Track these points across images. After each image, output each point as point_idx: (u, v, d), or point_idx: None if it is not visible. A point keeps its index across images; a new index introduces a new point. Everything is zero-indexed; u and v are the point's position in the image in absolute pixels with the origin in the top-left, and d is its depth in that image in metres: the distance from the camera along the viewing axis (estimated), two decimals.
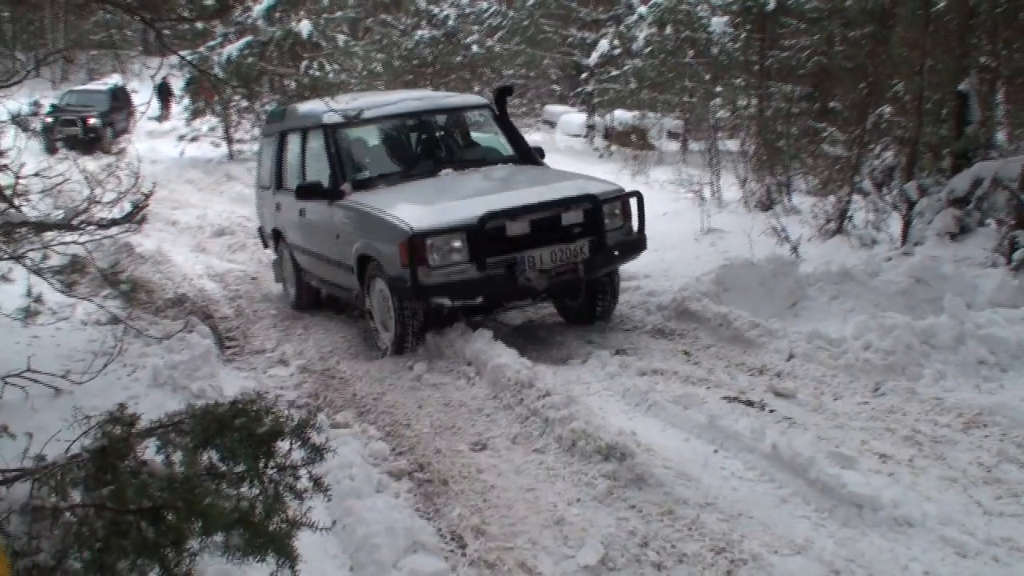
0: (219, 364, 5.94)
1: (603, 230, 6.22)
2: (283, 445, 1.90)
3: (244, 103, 19.88)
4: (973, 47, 7.85)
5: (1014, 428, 4.34)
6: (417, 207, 6.13)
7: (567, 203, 6.20)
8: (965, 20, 7.65)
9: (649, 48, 19.15)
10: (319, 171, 7.27)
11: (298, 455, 1.95)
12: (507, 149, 7.70)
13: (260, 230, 9.57)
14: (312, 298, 8.38)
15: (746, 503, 3.78)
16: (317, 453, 1.94)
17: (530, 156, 7.63)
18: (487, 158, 7.59)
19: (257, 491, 1.79)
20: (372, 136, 7.73)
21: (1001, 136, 9.09)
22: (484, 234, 5.85)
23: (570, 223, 6.16)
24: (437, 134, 7.84)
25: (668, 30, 18.93)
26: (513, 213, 5.97)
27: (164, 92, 28.65)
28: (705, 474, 4.09)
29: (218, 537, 1.67)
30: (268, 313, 8.29)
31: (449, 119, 7.95)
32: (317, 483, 1.99)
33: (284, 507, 1.82)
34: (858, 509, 3.58)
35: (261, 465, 1.79)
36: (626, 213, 6.57)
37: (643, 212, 6.59)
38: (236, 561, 1.75)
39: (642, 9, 19.54)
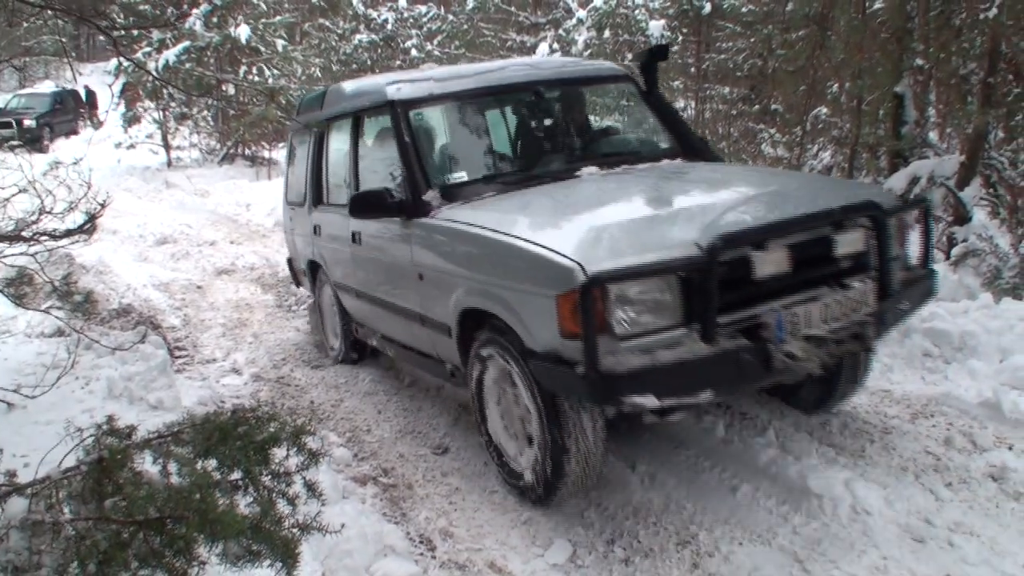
0: (174, 374, 5.87)
1: (888, 262, 3.73)
2: (278, 452, 1.91)
3: (184, 109, 19.68)
4: (909, 50, 8.12)
5: (959, 418, 4.51)
6: (577, 228, 3.55)
7: (841, 215, 3.64)
8: (903, 23, 7.89)
9: (588, 52, 19.34)
10: (384, 177, 4.90)
11: (293, 461, 1.96)
12: (660, 137, 5.25)
13: (290, 262, 7.47)
14: (368, 348, 6.30)
15: (708, 497, 3.88)
16: (313, 458, 1.96)
17: (697, 147, 5.10)
18: (641, 151, 5.06)
19: (252, 498, 1.82)
20: (464, 121, 5.10)
21: (934, 136, 9.41)
22: (714, 274, 3.23)
23: (846, 251, 3.67)
24: (564, 117, 5.34)
25: (607, 34, 19.15)
26: (762, 233, 3.42)
27: (89, 99, 28.74)
28: (664, 470, 4.18)
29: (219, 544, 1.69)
30: (216, 322, 8.19)
31: (578, 95, 5.46)
32: (311, 488, 2.02)
33: (278, 512, 1.85)
34: (817, 499, 3.69)
35: (257, 471, 1.81)
36: (903, 234, 4.10)
37: (930, 233, 4.22)
38: (236, 567, 1.77)
39: (581, 13, 19.74)
